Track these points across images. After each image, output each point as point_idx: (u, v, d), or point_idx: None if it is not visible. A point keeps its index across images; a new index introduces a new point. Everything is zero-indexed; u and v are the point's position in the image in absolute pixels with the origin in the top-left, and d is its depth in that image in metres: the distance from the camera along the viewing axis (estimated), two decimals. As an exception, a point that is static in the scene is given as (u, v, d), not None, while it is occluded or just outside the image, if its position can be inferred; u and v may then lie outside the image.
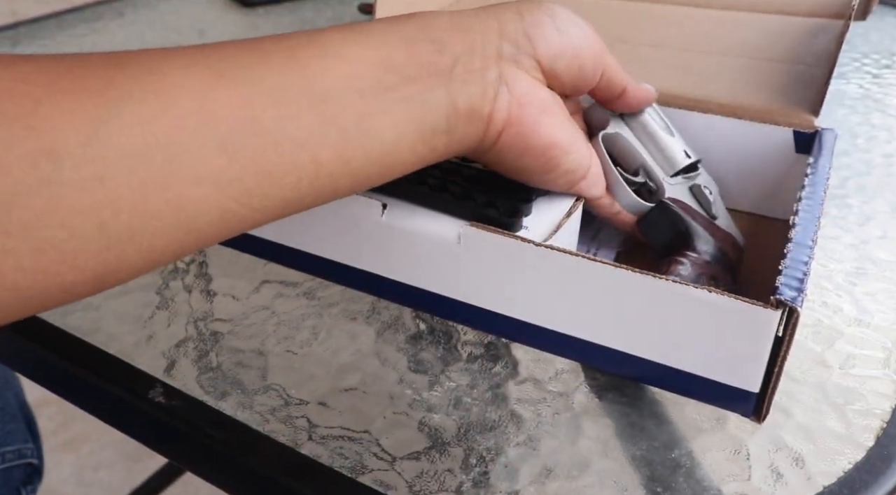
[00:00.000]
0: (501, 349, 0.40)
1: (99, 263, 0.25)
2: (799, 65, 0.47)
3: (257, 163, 0.27)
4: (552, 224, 0.38)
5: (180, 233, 0.26)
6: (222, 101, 0.26)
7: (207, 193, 0.26)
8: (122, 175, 0.24)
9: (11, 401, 0.68)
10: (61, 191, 0.23)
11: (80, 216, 0.24)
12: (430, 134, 0.32)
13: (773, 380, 0.32)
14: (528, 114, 0.35)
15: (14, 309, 0.24)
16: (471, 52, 0.33)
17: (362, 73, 0.30)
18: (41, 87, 0.23)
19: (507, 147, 0.35)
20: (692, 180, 0.43)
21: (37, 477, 0.67)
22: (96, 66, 0.25)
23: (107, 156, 0.24)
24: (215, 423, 0.36)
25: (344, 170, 0.30)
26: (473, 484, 0.33)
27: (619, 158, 0.43)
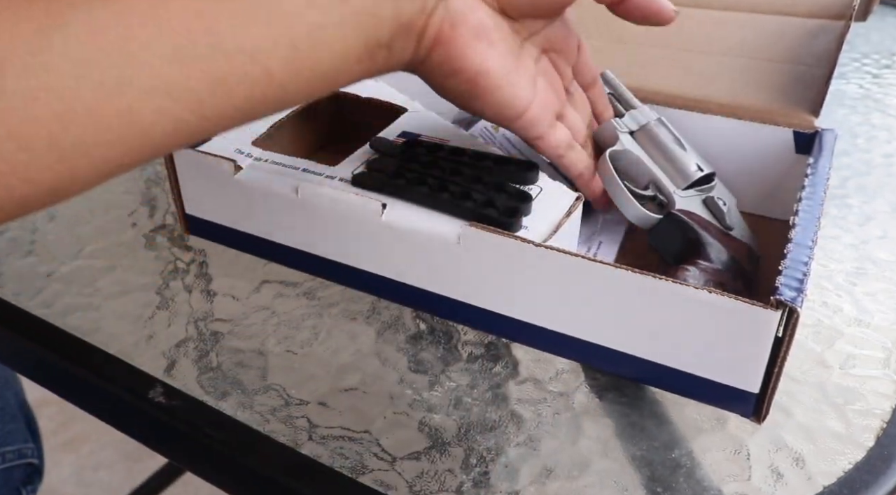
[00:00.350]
0: (502, 349, 0.40)
1: (51, 176, 0.25)
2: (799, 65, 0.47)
3: (210, 74, 0.27)
4: (552, 224, 0.37)
5: (133, 143, 0.26)
6: (175, 11, 0.26)
7: (160, 103, 0.26)
8: (71, 86, 0.24)
9: (11, 401, 0.68)
10: (8, 101, 0.23)
11: (29, 127, 0.23)
12: (374, 47, 0.32)
13: (772, 381, 0.32)
14: (459, 35, 0.34)
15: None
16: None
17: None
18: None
19: (435, 66, 0.34)
20: (706, 192, 0.43)
21: (37, 477, 0.67)
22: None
23: (55, 67, 0.24)
24: (215, 423, 0.36)
25: (294, 80, 0.30)
26: (474, 485, 0.33)
27: (627, 174, 0.43)
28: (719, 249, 0.40)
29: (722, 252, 0.40)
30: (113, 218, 0.52)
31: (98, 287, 0.45)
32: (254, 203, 0.43)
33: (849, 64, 0.78)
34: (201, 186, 0.45)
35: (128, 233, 0.51)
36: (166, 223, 0.51)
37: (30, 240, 0.50)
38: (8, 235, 0.51)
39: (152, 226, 0.51)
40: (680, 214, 0.41)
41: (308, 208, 0.41)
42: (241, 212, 0.44)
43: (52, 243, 0.50)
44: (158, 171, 0.58)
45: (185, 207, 0.47)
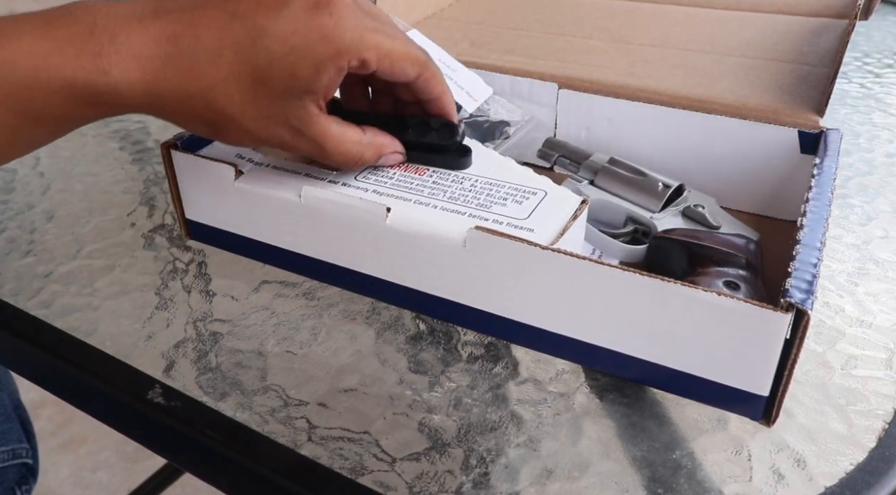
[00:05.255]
0: (502, 350, 0.40)
1: None
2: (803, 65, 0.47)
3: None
4: (558, 227, 0.37)
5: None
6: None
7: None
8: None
9: (6, 402, 0.68)
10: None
11: None
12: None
13: (782, 383, 0.32)
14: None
15: None
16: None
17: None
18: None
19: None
20: (682, 204, 0.44)
21: (32, 477, 0.67)
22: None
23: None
24: (214, 424, 0.36)
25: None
26: (474, 486, 0.32)
27: (603, 219, 0.45)
28: (715, 250, 0.40)
29: (718, 252, 0.40)
30: (112, 218, 0.52)
31: (97, 287, 0.45)
32: (255, 208, 0.43)
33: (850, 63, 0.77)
34: (202, 191, 0.45)
35: (126, 233, 0.50)
36: (165, 223, 0.51)
37: (28, 241, 0.50)
38: (6, 235, 0.51)
39: (151, 227, 0.51)
40: (663, 236, 0.41)
41: (311, 212, 0.41)
42: (243, 216, 0.44)
43: (51, 243, 0.50)
44: (157, 171, 0.58)
45: (186, 212, 0.47)
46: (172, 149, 0.44)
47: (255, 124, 0.35)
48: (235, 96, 0.34)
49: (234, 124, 0.35)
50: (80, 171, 0.58)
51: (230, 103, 0.34)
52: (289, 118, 0.35)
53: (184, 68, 0.33)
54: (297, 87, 0.34)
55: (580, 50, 0.54)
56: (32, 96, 0.32)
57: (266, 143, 0.37)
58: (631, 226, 0.45)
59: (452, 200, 0.39)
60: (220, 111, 0.35)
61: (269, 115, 0.35)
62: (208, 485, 0.38)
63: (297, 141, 0.37)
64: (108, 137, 0.64)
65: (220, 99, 0.34)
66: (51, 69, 0.32)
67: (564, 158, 0.48)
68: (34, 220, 0.52)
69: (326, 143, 0.37)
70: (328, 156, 0.38)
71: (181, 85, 0.34)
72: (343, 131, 0.38)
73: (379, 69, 0.35)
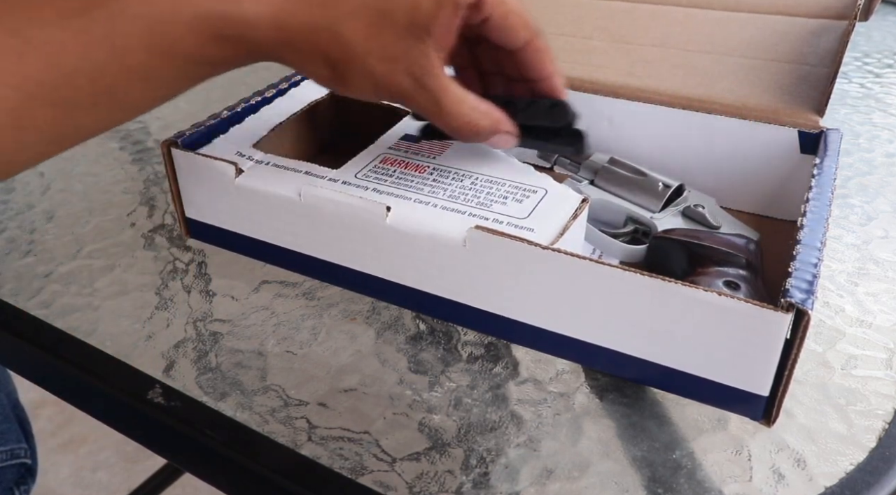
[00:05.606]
0: (502, 350, 0.40)
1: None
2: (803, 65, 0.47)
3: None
4: (559, 226, 0.37)
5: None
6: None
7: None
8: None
9: (4, 402, 0.68)
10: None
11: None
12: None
13: (783, 383, 0.32)
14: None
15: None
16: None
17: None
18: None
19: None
20: (682, 204, 0.44)
21: (30, 478, 0.67)
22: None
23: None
24: (214, 424, 0.36)
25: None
26: (474, 486, 0.32)
27: (603, 219, 0.45)
28: (715, 250, 0.40)
29: (718, 252, 0.40)
30: (112, 218, 0.52)
31: (97, 287, 0.45)
32: (255, 206, 0.43)
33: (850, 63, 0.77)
34: (202, 190, 0.45)
35: (126, 233, 0.50)
36: (165, 223, 0.51)
37: (28, 241, 0.50)
38: (6, 235, 0.51)
39: (151, 227, 0.51)
40: (663, 236, 0.41)
41: (311, 211, 0.41)
42: (243, 215, 0.44)
43: (51, 243, 0.50)
44: (157, 171, 0.58)
45: (186, 211, 0.47)
46: (173, 147, 0.44)
47: (379, 66, 0.34)
48: (361, 30, 0.33)
49: (357, 64, 0.34)
50: (80, 171, 0.58)
51: (356, 38, 0.33)
52: (412, 64, 0.34)
53: (312, 0, 0.33)
54: (419, 21, 0.33)
55: (580, 50, 0.54)
56: (166, 31, 0.31)
57: (387, 91, 0.36)
58: (631, 226, 0.45)
59: (453, 199, 0.39)
60: (346, 46, 0.33)
61: (394, 56, 0.34)
62: (208, 485, 0.38)
63: (417, 92, 0.36)
64: (108, 137, 0.64)
65: (347, 32, 0.33)
66: (186, 1, 0.31)
67: (564, 158, 0.49)
68: (34, 220, 0.52)
69: (445, 100, 0.36)
70: (445, 115, 0.37)
71: (310, 16, 0.33)
72: (464, 93, 0.37)
73: (491, 18, 0.35)
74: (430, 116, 0.37)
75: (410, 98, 0.36)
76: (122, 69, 0.31)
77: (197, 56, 0.33)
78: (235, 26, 0.32)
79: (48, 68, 0.29)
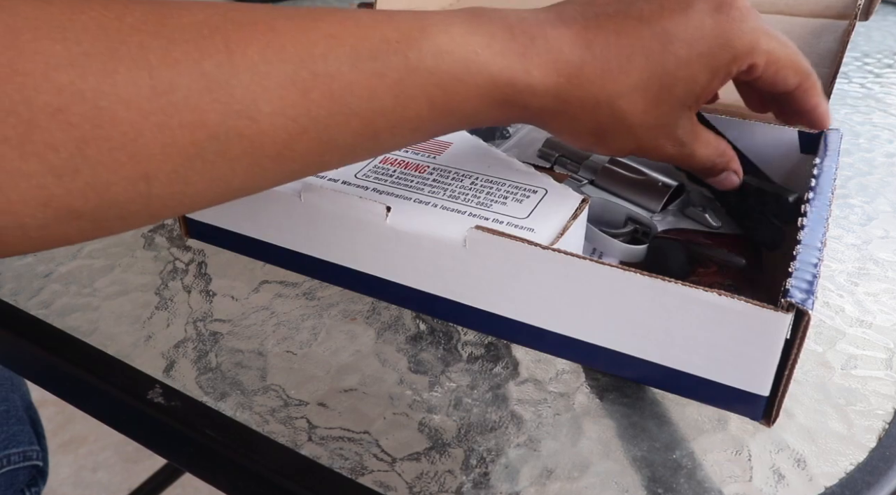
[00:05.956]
0: (502, 349, 0.40)
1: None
2: (802, 64, 0.47)
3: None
4: (559, 226, 0.37)
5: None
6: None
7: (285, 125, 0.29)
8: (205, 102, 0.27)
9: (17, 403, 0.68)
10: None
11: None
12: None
13: (783, 384, 0.32)
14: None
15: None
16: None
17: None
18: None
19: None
20: (682, 204, 0.44)
21: (41, 479, 0.67)
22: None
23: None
24: (215, 424, 0.36)
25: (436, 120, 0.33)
26: (474, 486, 0.32)
27: (604, 220, 0.45)
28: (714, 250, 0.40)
29: (718, 251, 0.40)
30: (112, 218, 0.52)
31: (96, 287, 0.45)
32: (255, 206, 0.43)
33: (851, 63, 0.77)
34: (201, 187, 0.45)
35: (126, 233, 0.50)
36: (165, 223, 0.51)
37: (28, 240, 0.50)
38: (6, 235, 0.51)
39: (151, 227, 0.51)
40: (663, 236, 0.41)
41: (311, 211, 0.41)
42: (243, 215, 0.44)
43: (51, 243, 0.50)
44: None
45: None
46: (172, 148, 0.44)
47: (645, 134, 0.35)
48: (639, 104, 0.33)
49: (626, 134, 0.34)
50: (80, 171, 0.58)
51: (633, 112, 0.33)
52: (677, 128, 0.35)
53: (596, 75, 0.32)
54: (693, 93, 0.34)
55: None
56: (455, 90, 0.31)
57: (643, 152, 0.36)
58: (631, 226, 0.45)
59: (453, 199, 0.39)
60: (621, 119, 0.34)
61: (664, 125, 0.34)
62: (208, 485, 0.38)
63: (677, 150, 0.36)
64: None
65: (625, 106, 0.33)
66: (480, 63, 0.31)
67: (564, 158, 0.49)
68: (34, 220, 0.52)
69: (699, 151, 0.37)
70: (696, 163, 0.37)
71: (591, 91, 0.33)
72: (707, 136, 0.37)
73: (763, 76, 0.35)
74: (680, 164, 0.38)
75: (668, 156, 0.37)
76: (399, 118, 0.31)
77: (473, 115, 0.33)
78: (520, 93, 0.32)
79: (329, 105, 0.29)
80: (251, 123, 0.27)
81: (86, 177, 0.25)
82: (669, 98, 0.33)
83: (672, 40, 0.32)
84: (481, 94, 0.31)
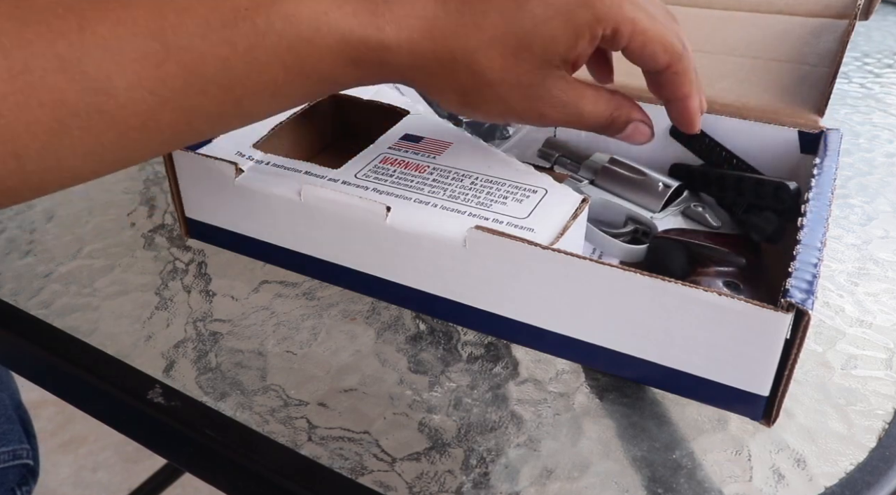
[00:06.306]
0: (502, 349, 0.40)
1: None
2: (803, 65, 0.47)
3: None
4: (559, 226, 0.37)
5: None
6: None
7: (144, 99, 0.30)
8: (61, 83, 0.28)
9: (6, 402, 0.68)
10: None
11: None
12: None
13: (783, 383, 0.32)
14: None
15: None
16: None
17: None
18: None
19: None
20: (682, 204, 0.44)
21: (32, 478, 0.67)
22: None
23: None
24: (214, 424, 0.36)
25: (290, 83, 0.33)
26: (474, 485, 0.32)
27: (604, 219, 0.45)
28: (714, 250, 0.40)
29: (718, 252, 0.40)
30: (112, 218, 0.52)
31: (97, 287, 0.45)
32: (255, 206, 0.43)
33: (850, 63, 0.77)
34: (202, 190, 0.45)
35: (126, 233, 0.50)
36: (165, 223, 0.51)
37: (28, 240, 0.50)
38: (6, 235, 0.51)
39: (151, 227, 0.51)
40: (663, 236, 0.41)
41: (311, 211, 0.41)
42: (243, 215, 0.44)
43: (51, 243, 0.50)
44: (157, 171, 0.58)
45: (186, 211, 0.47)
46: (172, 148, 0.44)
47: (512, 93, 0.35)
48: (496, 60, 0.34)
49: (490, 92, 0.35)
50: (80, 171, 0.58)
51: (491, 68, 0.34)
52: (550, 89, 0.35)
53: (450, 30, 0.33)
54: (556, 52, 0.34)
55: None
56: (307, 51, 0.32)
57: (520, 116, 0.36)
58: (631, 226, 0.45)
59: (453, 199, 0.39)
60: (480, 75, 0.34)
61: (529, 84, 0.35)
62: (208, 485, 0.38)
63: (560, 111, 0.36)
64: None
65: (482, 61, 0.33)
66: (330, 23, 0.32)
67: (564, 158, 0.49)
68: (34, 220, 0.52)
69: (586, 108, 0.36)
70: (589, 121, 0.37)
71: (446, 46, 0.33)
72: (594, 92, 0.37)
73: (629, 45, 0.34)
74: (572, 126, 0.38)
75: (554, 120, 0.36)
76: (255, 83, 0.32)
77: (330, 76, 0.33)
78: (374, 51, 0.33)
79: (185, 76, 0.30)
80: (109, 99, 0.28)
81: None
82: (529, 56, 0.33)
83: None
84: (334, 53, 0.32)
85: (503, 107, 0.35)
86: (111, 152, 0.30)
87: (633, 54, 0.35)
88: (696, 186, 0.45)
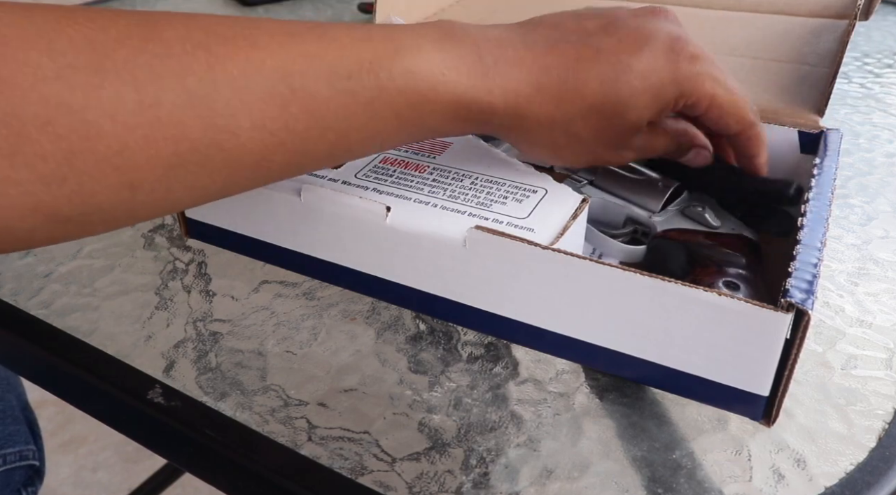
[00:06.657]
0: (502, 349, 0.40)
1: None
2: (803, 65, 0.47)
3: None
4: (558, 226, 0.37)
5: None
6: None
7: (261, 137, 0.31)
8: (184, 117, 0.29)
9: (13, 403, 0.68)
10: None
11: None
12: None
13: (782, 384, 0.32)
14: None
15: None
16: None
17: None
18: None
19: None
20: (682, 204, 0.44)
21: (38, 479, 0.67)
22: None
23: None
24: (214, 424, 0.36)
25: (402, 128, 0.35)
26: (474, 486, 0.32)
27: (604, 220, 0.45)
28: (714, 250, 0.40)
29: (717, 251, 0.40)
30: (112, 218, 0.52)
31: (96, 287, 0.45)
32: (255, 206, 0.43)
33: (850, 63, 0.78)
34: (201, 187, 0.45)
35: (126, 233, 0.50)
36: (165, 223, 0.51)
37: (28, 240, 0.50)
38: (6, 235, 0.51)
39: (151, 226, 0.51)
40: (663, 236, 0.41)
41: (311, 211, 0.41)
42: (243, 215, 0.44)
43: (51, 243, 0.50)
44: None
45: (186, 211, 0.47)
46: (172, 148, 0.44)
47: (601, 148, 0.38)
48: (593, 126, 0.36)
49: (581, 147, 0.38)
50: (80, 171, 0.58)
51: (586, 131, 0.37)
52: (634, 142, 0.38)
53: (553, 96, 0.35)
54: (645, 119, 0.37)
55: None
56: (423, 108, 0.33)
57: (605, 162, 0.40)
58: (631, 226, 0.45)
59: (453, 199, 0.39)
60: (575, 136, 0.37)
61: (618, 143, 0.38)
62: (208, 485, 0.38)
63: (635, 155, 0.40)
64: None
65: (580, 124, 0.36)
66: (446, 84, 0.33)
67: None
68: (34, 220, 0.52)
69: (658, 144, 0.40)
70: (660, 153, 0.41)
71: (547, 111, 0.35)
72: (664, 130, 0.40)
73: (706, 114, 0.38)
74: (647, 158, 0.41)
75: (627, 159, 0.40)
76: (370, 130, 0.33)
77: (437, 128, 0.35)
78: (482, 112, 0.35)
79: (307, 120, 0.30)
80: (230, 137, 0.29)
81: (72, 185, 0.26)
82: (622, 122, 0.37)
83: (627, 71, 0.35)
84: (446, 111, 0.34)
85: (591, 158, 0.39)
86: (218, 188, 0.31)
87: (709, 122, 0.39)
88: (696, 186, 0.45)
